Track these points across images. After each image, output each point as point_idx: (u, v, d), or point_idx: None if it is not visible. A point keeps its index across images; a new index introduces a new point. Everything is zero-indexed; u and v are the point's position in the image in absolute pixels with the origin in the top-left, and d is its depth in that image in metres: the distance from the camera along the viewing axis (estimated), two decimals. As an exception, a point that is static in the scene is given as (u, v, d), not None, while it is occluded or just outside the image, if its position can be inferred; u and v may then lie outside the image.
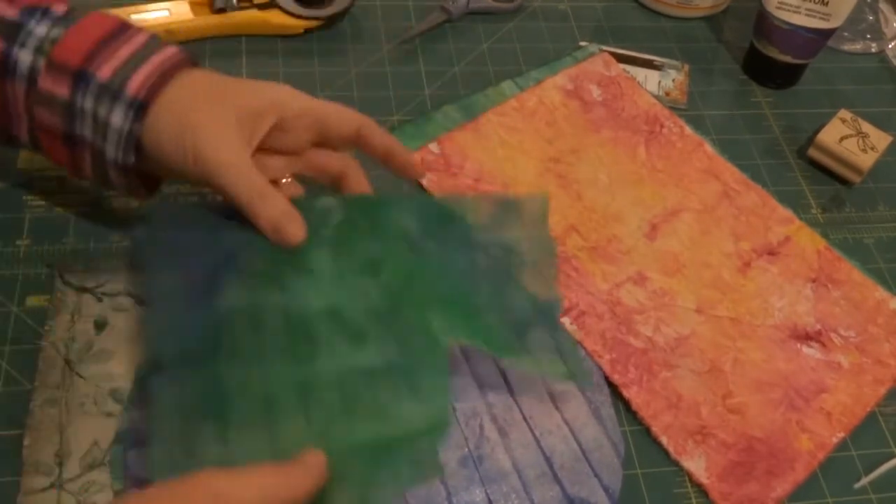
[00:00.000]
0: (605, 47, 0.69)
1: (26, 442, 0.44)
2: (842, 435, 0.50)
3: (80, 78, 0.43)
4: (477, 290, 0.46)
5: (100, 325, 0.48)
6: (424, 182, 0.58)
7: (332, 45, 0.66)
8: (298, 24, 0.65)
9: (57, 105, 0.44)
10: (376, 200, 0.48)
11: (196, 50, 0.50)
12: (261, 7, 0.64)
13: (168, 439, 0.39)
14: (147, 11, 0.62)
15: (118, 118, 0.43)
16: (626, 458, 0.48)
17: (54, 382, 0.46)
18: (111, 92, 0.43)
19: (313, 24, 0.65)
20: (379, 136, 0.47)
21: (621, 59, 0.68)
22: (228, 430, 0.39)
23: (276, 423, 0.39)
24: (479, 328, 0.45)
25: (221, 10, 0.63)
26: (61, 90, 0.43)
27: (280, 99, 0.45)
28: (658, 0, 0.74)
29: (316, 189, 0.49)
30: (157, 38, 0.45)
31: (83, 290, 0.49)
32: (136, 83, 0.43)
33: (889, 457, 0.50)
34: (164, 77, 0.43)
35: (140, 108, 0.43)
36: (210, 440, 0.39)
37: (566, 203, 0.58)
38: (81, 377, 0.46)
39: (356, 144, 0.47)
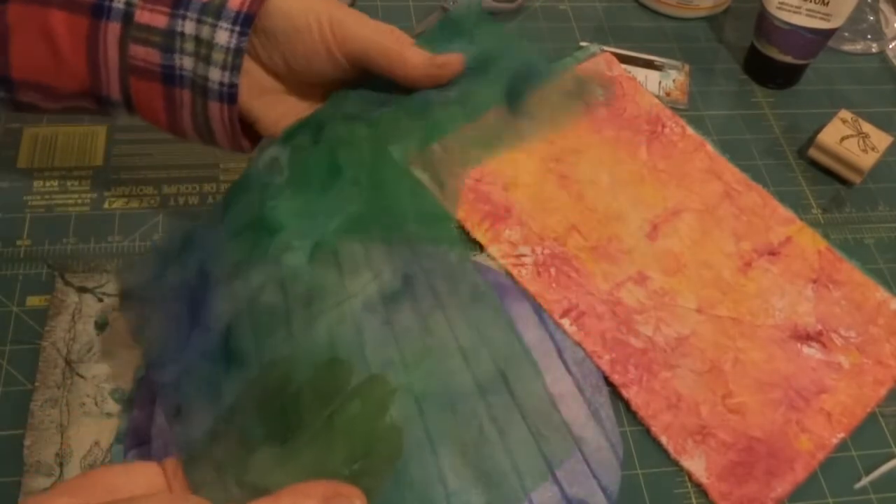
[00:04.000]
0: (605, 47, 0.69)
1: (27, 442, 0.44)
2: (842, 435, 0.50)
3: (178, 2, 0.42)
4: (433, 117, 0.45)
5: (100, 326, 0.48)
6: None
7: (333, 45, 0.66)
8: (299, 24, 0.65)
9: (156, 36, 0.42)
10: (305, 118, 0.45)
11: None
12: (261, 7, 0.64)
13: (220, 476, 0.36)
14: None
15: (224, 34, 0.41)
16: (625, 458, 0.48)
17: (55, 382, 0.46)
18: (214, 9, 0.41)
19: (314, 24, 0.65)
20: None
21: (622, 59, 0.68)
22: (281, 447, 0.36)
23: (317, 420, 0.36)
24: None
25: (222, 10, 0.63)
26: (160, 19, 0.41)
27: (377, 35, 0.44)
28: (658, 0, 0.74)
29: None
30: None
31: (83, 290, 0.49)
32: (236, 1, 0.42)
33: (889, 457, 0.50)
34: None
35: (246, 19, 0.41)
36: (266, 464, 0.36)
37: (567, 203, 0.58)
38: (82, 377, 0.46)
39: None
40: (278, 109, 0.45)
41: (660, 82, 0.68)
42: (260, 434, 0.36)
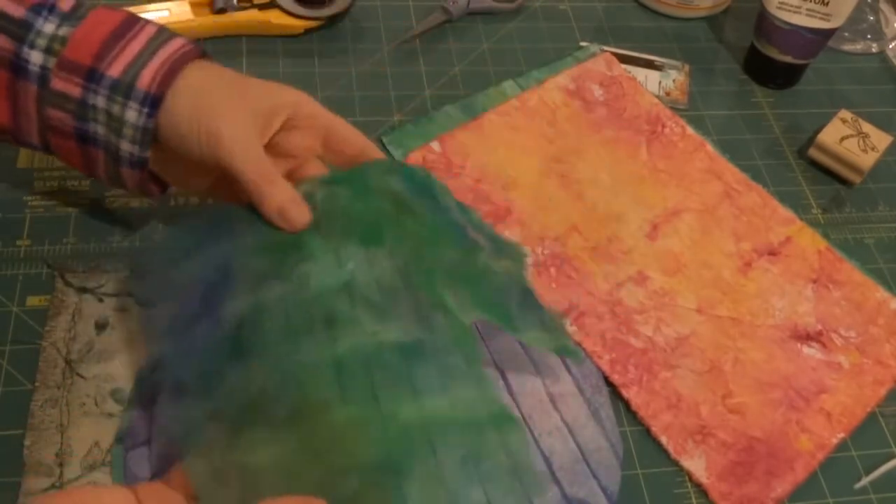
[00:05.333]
0: (605, 47, 0.69)
1: (27, 442, 0.44)
2: (842, 435, 0.50)
3: (91, 77, 0.43)
4: (474, 260, 0.45)
5: (100, 326, 0.48)
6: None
7: (333, 45, 0.66)
8: (299, 25, 0.65)
9: (69, 104, 0.44)
10: (353, 170, 0.47)
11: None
12: (261, 7, 0.64)
13: (208, 452, 0.38)
14: (147, 12, 0.62)
15: (132, 113, 0.43)
16: (625, 458, 0.48)
17: (55, 382, 0.46)
18: (124, 88, 0.43)
19: (313, 24, 0.65)
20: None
21: (622, 59, 0.68)
22: (269, 431, 0.37)
23: (315, 415, 0.37)
24: (487, 301, 0.43)
25: (222, 11, 0.63)
26: (73, 90, 0.43)
27: (294, 99, 0.46)
28: (658, 0, 0.74)
29: None
30: (165, 30, 0.45)
31: (84, 290, 0.49)
32: (147, 77, 0.43)
33: (889, 457, 0.50)
34: (174, 68, 0.43)
35: (154, 101, 0.43)
36: (253, 444, 0.38)
37: (567, 203, 0.58)
38: (82, 377, 0.46)
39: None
40: (187, 167, 0.46)
41: (660, 82, 0.68)
42: (250, 421, 0.38)
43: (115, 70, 0.43)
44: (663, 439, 0.48)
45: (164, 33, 0.45)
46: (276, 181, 0.43)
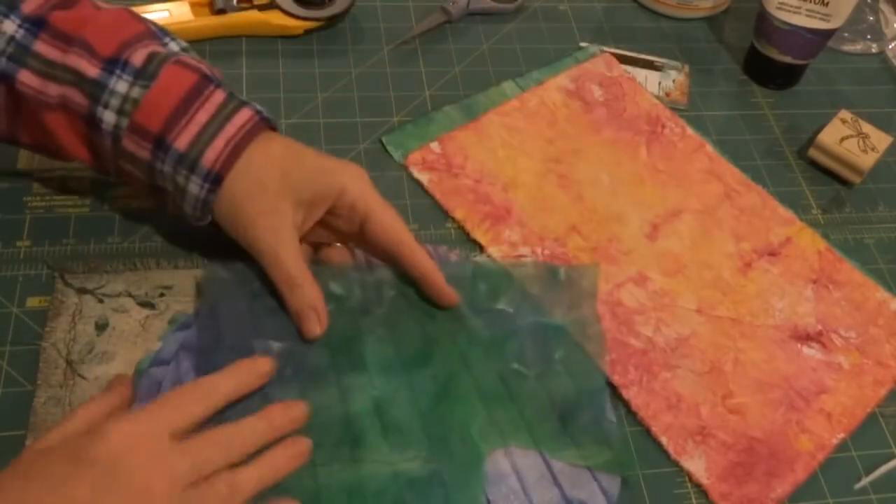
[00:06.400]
0: (605, 48, 0.69)
1: (28, 442, 0.44)
2: (842, 436, 0.50)
3: (159, 145, 0.45)
4: (522, 380, 0.47)
5: (101, 327, 0.48)
6: (425, 181, 0.58)
7: (332, 45, 0.66)
8: (298, 25, 0.65)
9: (139, 164, 0.47)
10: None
11: (196, 51, 0.50)
12: (261, 8, 0.65)
13: None
14: (148, 13, 0.62)
15: (195, 187, 0.45)
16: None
17: (57, 382, 0.46)
18: (188, 163, 0.45)
19: (313, 24, 0.65)
20: (418, 261, 0.48)
21: (622, 59, 0.68)
22: None
23: None
24: (522, 426, 0.46)
25: (222, 11, 0.63)
26: (143, 153, 0.46)
27: (341, 186, 0.46)
28: (658, 1, 0.74)
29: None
30: (233, 97, 0.46)
31: (84, 291, 0.49)
32: (211, 156, 0.45)
33: (889, 457, 0.50)
34: (237, 149, 0.45)
35: (215, 180, 0.45)
36: None
37: (567, 204, 0.58)
38: (84, 378, 0.46)
39: (392, 258, 0.48)
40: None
41: (660, 83, 0.68)
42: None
43: (181, 143, 0.45)
44: (663, 440, 0.48)
45: (231, 102, 0.46)
46: (297, 287, 0.46)
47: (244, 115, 0.46)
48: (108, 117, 0.46)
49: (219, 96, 0.46)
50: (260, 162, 0.46)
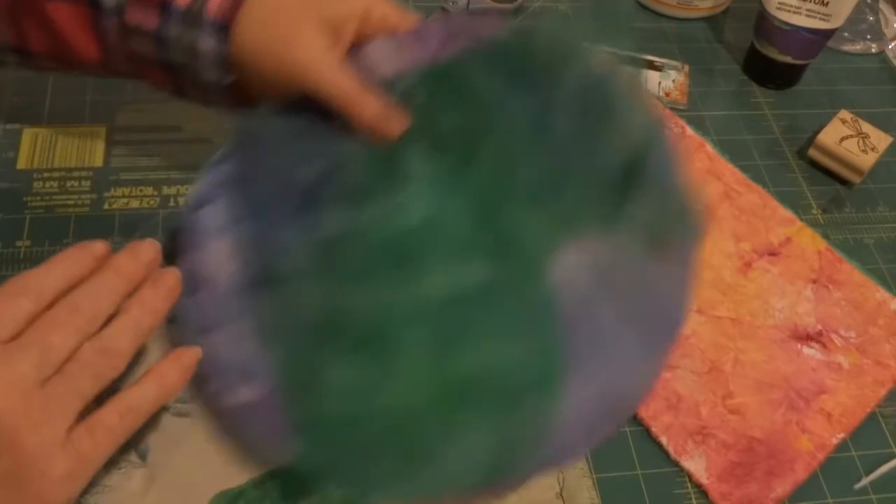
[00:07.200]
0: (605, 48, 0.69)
1: (27, 443, 0.43)
2: (842, 436, 0.50)
3: (164, 8, 0.43)
4: (568, 158, 0.41)
5: (100, 326, 0.48)
6: None
7: (333, 45, 0.66)
8: (299, 25, 0.65)
9: (148, 38, 0.43)
10: (454, 66, 0.43)
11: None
12: (261, 7, 0.64)
13: (290, 353, 0.38)
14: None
15: (205, 43, 0.42)
16: (626, 459, 0.48)
17: (54, 383, 0.45)
18: (192, 18, 0.42)
19: (313, 24, 0.65)
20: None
21: (622, 59, 0.68)
22: (342, 354, 0.37)
23: (384, 352, 0.37)
24: (580, 217, 0.40)
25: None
26: (149, 22, 0.43)
27: (363, 4, 0.43)
28: (658, 1, 0.74)
29: None
30: None
31: (83, 290, 0.49)
32: (213, 5, 0.42)
33: (889, 457, 0.50)
34: None
35: (222, 29, 0.42)
36: (329, 363, 0.37)
37: (566, 204, 0.58)
38: (82, 378, 0.46)
39: None
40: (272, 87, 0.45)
41: (659, 83, 0.68)
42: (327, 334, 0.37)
43: (182, 0, 0.42)
44: (663, 440, 0.48)
45: None
46: (363, 94, 0.41)
47: None
48: None
49: None
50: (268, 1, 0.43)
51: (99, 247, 0.37)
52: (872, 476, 0.49)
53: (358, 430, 0.37)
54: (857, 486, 0.49)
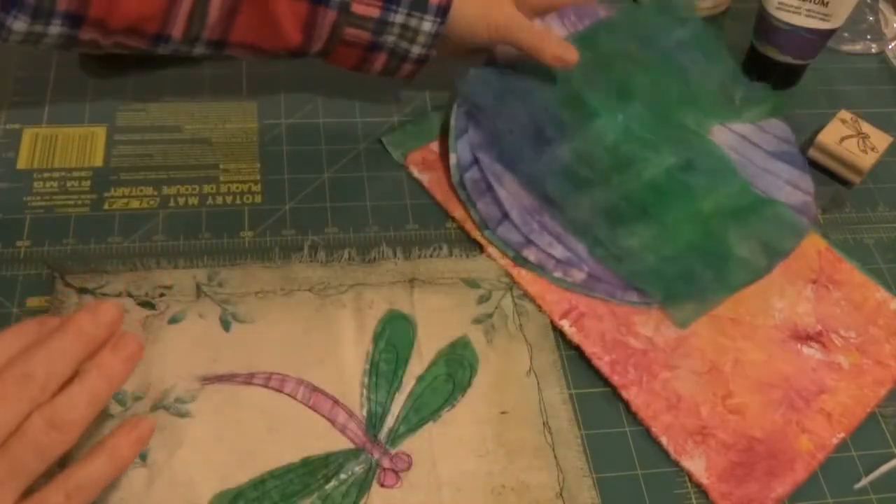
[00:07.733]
0: (605, 48, 0.69)
1: (27, 443, 0.43)
2: (842, 435, 0.50)
3: (390, 0, 0.54)
4: (693, 79, 0.62)
5: (100, 326, 0.48)
6: (425, 181, 0.58)
7: (333, 45, 0.66)
8: (299, 25, 0.65)
9: (368, 23, 0.54)
10: (591, 33, 0.63)
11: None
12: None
13: (597, 239, 0.54)
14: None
15: (428, 24, 0.54)
16: (625, 459, 0.48)
17: (55, 383, 0.45)
18: (418, 5, 0.54)
19: (314, 24, 0.65)
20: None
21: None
22: (631, 226, 0.54)
23: (655, 216, 0.54)
24: (715, 112, 0.62)
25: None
26: (372, 12, 0.53)
27: None
28: (658, 0, 0.73)
29: None
30: None
31: (84, 291, 0.49)
32: None
33: (889, 457, 0.50)
34: None
35: (443, 11, 0.54)
36: (626, 233, 0.54)
37: (566, 204, 0.58)
38: (82, 378, 0.46)
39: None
40: (454, 50, 0.59)
41: (660, 83, 0.68)
42: (617, 219, 0.55)
43: None
44: (663, 440, 0.48)
45: None
46: (546, 37, 0.57)
47: None
48: None
49: None
50: None
51: (52, 322, 0.37)
52: (872, 476, 0.49)
53: (666, 266, 0.53)
54: (857, 485, 0.49)
